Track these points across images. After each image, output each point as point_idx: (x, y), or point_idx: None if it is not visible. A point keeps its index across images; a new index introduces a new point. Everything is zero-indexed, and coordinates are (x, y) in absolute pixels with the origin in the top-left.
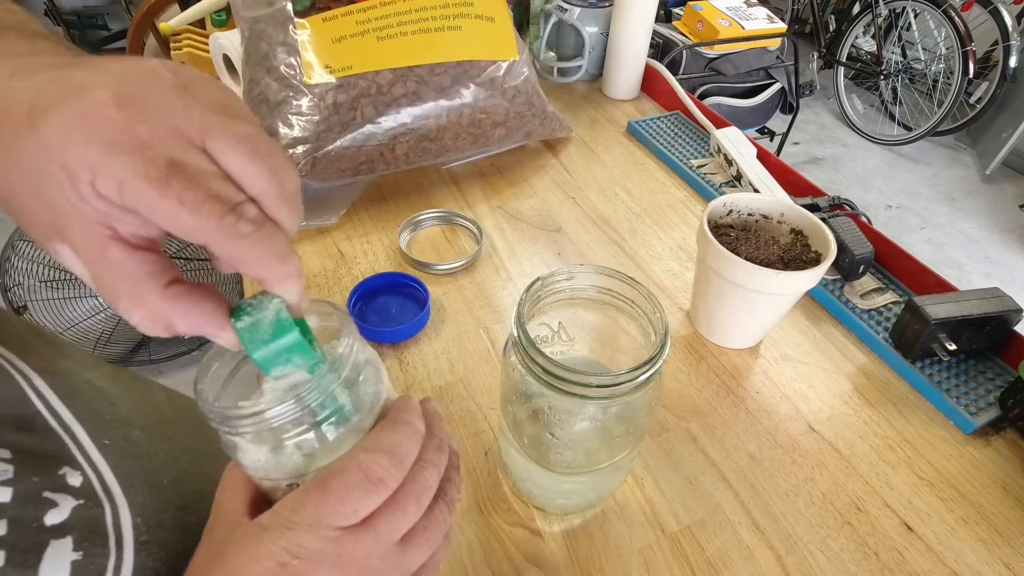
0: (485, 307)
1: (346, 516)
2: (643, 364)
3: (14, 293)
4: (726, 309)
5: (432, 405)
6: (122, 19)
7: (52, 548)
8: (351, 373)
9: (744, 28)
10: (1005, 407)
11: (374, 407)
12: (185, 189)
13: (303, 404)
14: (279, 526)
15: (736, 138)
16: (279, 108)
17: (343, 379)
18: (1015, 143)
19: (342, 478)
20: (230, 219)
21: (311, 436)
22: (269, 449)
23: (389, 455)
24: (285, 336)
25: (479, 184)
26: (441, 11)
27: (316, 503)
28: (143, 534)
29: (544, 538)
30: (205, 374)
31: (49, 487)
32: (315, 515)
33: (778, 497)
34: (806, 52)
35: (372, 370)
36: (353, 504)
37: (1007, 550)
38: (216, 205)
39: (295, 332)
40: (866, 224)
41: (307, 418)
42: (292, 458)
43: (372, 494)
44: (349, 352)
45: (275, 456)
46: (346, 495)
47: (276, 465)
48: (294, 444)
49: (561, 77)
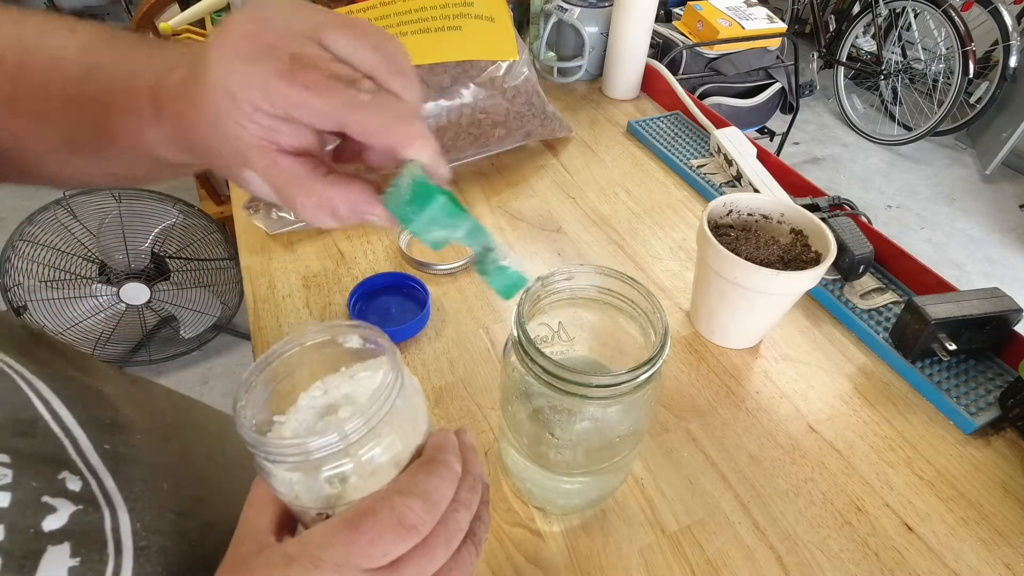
0: (485, 307)
1: (375, 559)
2: (643, 364)
3: (14, 293)
4: (726, 309)
5: (468, 438)
6: (122, 19)
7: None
8: (395, 405)
9: (744, 28)
10: (1005, 407)
11: (413, 440)
12: (308, 75)
13: (344, 437)
14: (306, 560)
15: (736, 138)
16: None
17: (386, 412)
18: (1015, 143)
19: (374, 520)
20: (350, 92)
21: (347, 469)
22: (302, 476)
23: (424, 500)
24: (424, 195)
25: (479, 184)
26: (441, 11)
27: (346, 543)
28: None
29: (544, 538)
30: (244, 392)
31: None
32: (344, 555)
33: (778, 497)
34: (806, 52)
35: (416, 402)
36: (383, 548)
37: (1007, 550)
38: (335, 83)
39: (433, 190)
40: (866, 224)
41: (346, 452)
42: (325, 488)
43: (404, 539)
44: (394, 382)
45: (307, 483)
46: (378, 539)
47: (307, 492)
48: (328, 476)
49: (561, 77)
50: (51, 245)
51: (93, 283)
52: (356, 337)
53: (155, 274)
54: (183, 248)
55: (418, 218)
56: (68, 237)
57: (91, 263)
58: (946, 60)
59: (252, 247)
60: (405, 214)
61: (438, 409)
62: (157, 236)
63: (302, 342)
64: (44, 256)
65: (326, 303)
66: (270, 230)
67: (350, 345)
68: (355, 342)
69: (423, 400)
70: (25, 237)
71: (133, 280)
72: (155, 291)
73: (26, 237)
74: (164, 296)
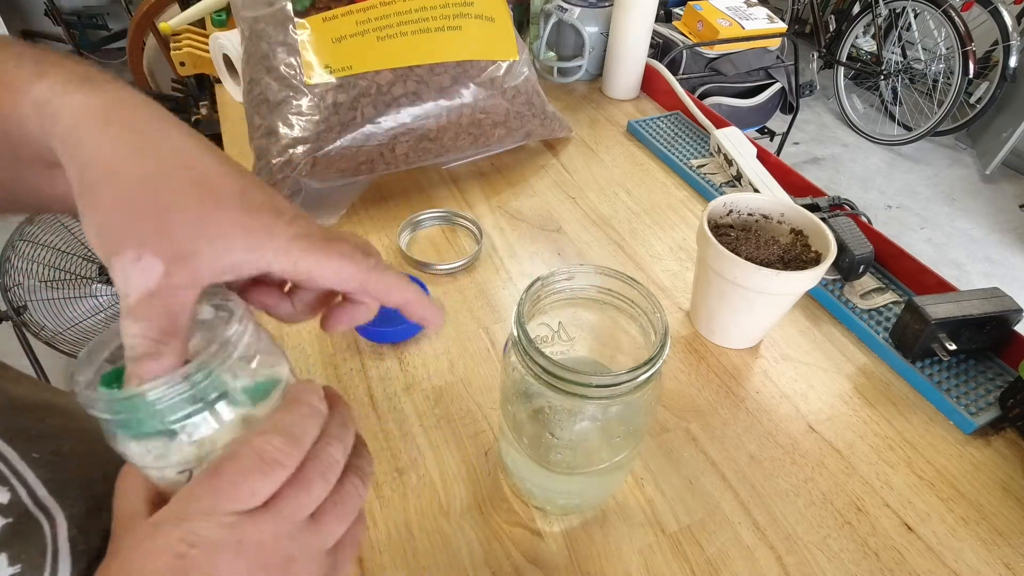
0: (485, 307)
1: (243, 500)
2: (643, 364)
3: (14, 293)
4: (726, 309)
5: (333, 390)
6: (122, 19)
7: None
8: (241, 356)
9: (744, 28)
10: (1005, 407)
11: (269, 393)
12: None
13: (190, 385)
14: (173, 519)
15: (736, 138)
16: (279, 108)
17: (232, 363)
18: (1015, 143)
19: (235, 462)
20: (372, 260)
21: (198, 420)
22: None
23: (284, 435)
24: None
25: (479, 184)
26: (441, 11)
27: (210, 490)
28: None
29: (544, 538)
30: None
31: None
32: (210, 503)
33: (778, 497)
34: (806, 52)
35: (269, 357)
36: (249, 487)
37: (1007, 550)
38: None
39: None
40: (866, 224)
41: (193, 402)
42: (183, 448)
43: (268, 475)
44: (239, 336)
45: (165, 447)
46: (240, 479)
47: (165, 455)
48: (181, 430)
49: (561, 77)
50: (51, 245)
51: (93, 283)
52: (207, 307)
53: None
54: None
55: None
56: (68, 237)
57: (91, 263)
58: (946, 60)
59: None
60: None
61: (438, 409)
62: None
63: None
64: (44, 256)
65: None
66: None
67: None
68: (206, 312)
69: (283, 357)
70: (25, 237)
71: None
72: None
73: (26, 237)
74: None
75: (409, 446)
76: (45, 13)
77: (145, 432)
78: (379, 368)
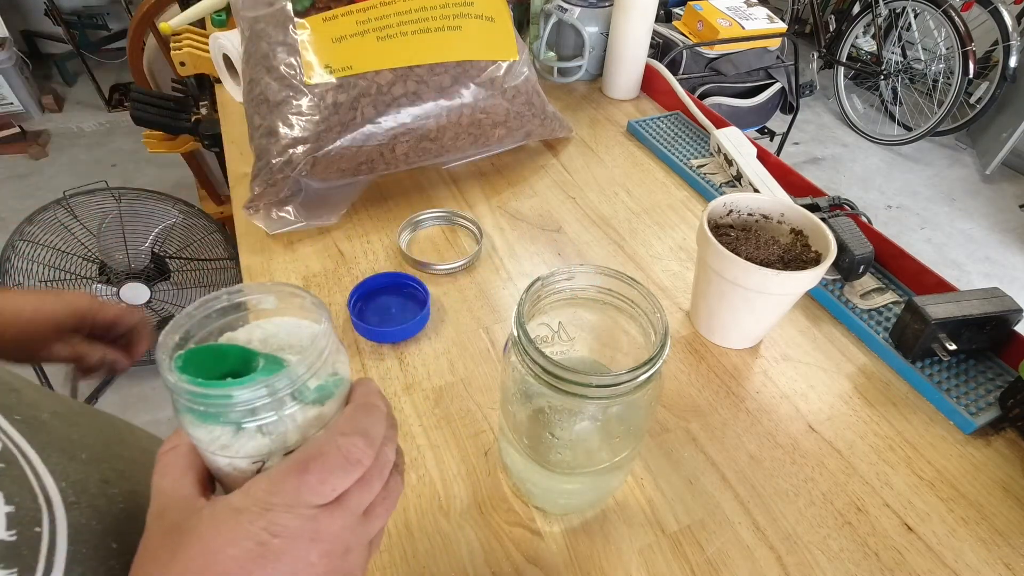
0: (485, 307)
1: (325, 495)
2: (643, 364)
3: None
4: (726, 309)
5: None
6: (122, 19)
7: None
8: (323, 361)
9: (744, 28)
10: (1005, 407)
11: (336, 390)
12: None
13: (274, 392)
14: (256, 507)
15: (736, 138)
16: (279, 108)
17: (315, 368)
18: (1015, 143)
19: (323, 460)
20: None
21: (277, 419)
22: (231, 428)
23: (364, 437)
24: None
25: (479, 184)
26: (441, 11)
27: (296, 485)
28: (70, 496)
29: (544, 538)
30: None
31: None
32: (294, 496)
33: (778, 497)
34: (806, 52)
35: (338, 355)
36: (332, 484)
37: (1007, 550)
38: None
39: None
40: (866, 224)
41: (274, 406)
42: (255, 438)
43: (350, 474)
44: (325, 342)
45: (236, 435)
46: (328, 475)
47: (236, 443)
48: (258, 426)
49: (561, 77)
50: (51, 245)
51: (93, 283)
52: (272, 297)
53: (155, 274)
54: (183, 248)
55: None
56: (68, 237)
57: (91, 263)
58: (946, 60)
59: (252, 247)
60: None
61: (438, 409)
62: (157, 236)
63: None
64: (44, 256)
65: (326, 303)
66: (270, 230)
67: (265, 306)
68: (270, 302)
69: (345, 353)
70: (25, 237)
71: (133, 280)
72: (155, 291)
73: (26, 237)
74: (164, 296)
75: (409, 446)
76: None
77: (220, 421)
78: (379, 368)
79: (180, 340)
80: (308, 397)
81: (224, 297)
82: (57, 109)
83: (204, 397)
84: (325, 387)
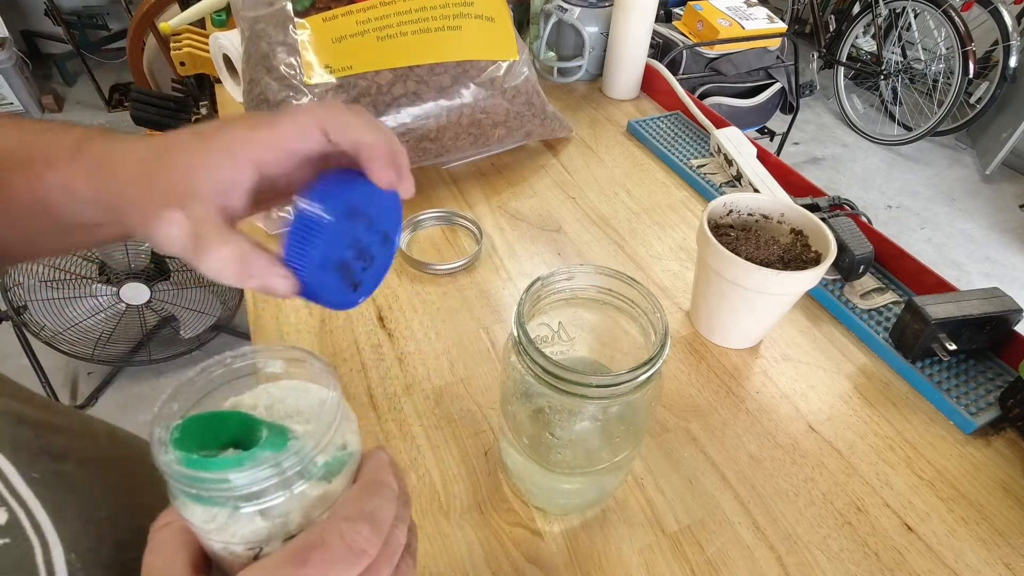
0: (485, 307)
1: None
2: (643, 364)
3: (14, 293)
4: (726, 309)
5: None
6: (122, 19)
7: None
8: (332, 434)
9: (744, 28)
10: (1005, 407)
11: (344, 466)
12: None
13: (280, 471)
14: None
15: (736, 138)
16: (279, 108)
17: (323, 444)
18: (1015, 143)
19: (324, 551)
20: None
21: (281, 502)
22: (227, 510)
23: (371, 523)
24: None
25: (479, 184)
26: (441, 11)
27: None
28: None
29: (544, 538)
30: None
31: None
32: None
33: (778, 497)
34: (806, 52)
35: (348, 423)
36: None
37: (1007, 550)
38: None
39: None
40: (866, 224)
41: (278, 488)
42: (254, 521)
43: (355, 566)
44: (334, 413)
45: (233, 518)
46: (329, 569)
47: (232, 527)
48: (258, 510)
49: (561, 77)
50: None
51: (93, 283)
52: (279, 362)
53: (155, 274)
54: None
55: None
56: None
57: (91, 263)
58: (946, 60)
59: None
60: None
61: (438, 409)
62: None
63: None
64: None
65: None
66: (270, 230)
67: (271, 370)
68: (277, 367)
69: (355, 422)
70: None
71: (133, 280)
72: (155, 291)
73: None
74: (164, 296)
75: (409, 446)
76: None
77: (216, 503)
78: (379, 368)
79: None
80: (314, 475)
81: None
82: (57, 109)
83: (199, 481)
84: (333, 463)
